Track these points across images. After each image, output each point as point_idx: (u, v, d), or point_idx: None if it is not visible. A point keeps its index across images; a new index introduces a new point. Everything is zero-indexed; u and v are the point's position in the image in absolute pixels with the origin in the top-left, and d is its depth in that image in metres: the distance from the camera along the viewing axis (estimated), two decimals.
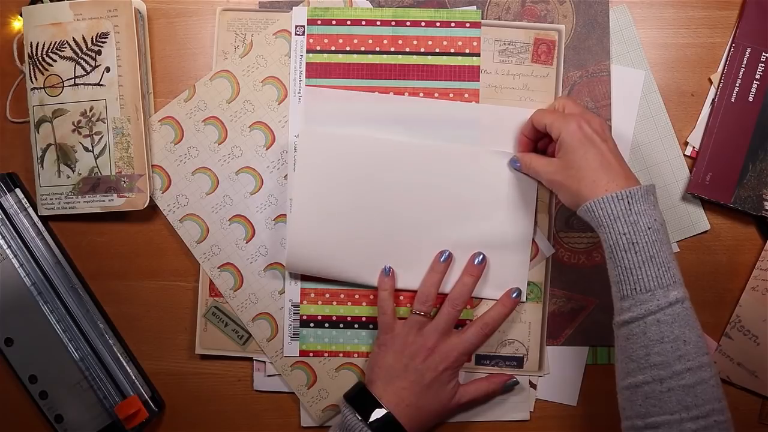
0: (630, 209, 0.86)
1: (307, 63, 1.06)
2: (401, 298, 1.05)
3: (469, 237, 1.04)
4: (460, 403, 1.02)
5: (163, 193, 1.07)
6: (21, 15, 1.08)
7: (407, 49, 1.06)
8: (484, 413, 1.07)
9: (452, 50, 1.06)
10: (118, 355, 1.07)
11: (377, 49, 1.06)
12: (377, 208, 1.04)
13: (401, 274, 1.05)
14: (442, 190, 1.05)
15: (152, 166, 1.07)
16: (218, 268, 1.07)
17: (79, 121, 1.06)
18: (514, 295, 1.03)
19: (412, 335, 1.00)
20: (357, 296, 1.06)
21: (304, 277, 1.07)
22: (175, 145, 1.07)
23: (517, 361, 1.06)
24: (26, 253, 1.07)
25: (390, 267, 1.04)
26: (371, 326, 1.06)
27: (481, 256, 1.03)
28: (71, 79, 1.06)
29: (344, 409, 0.97)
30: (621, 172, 0.89)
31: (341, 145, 1.04)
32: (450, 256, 1.03)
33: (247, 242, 1.07)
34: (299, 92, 1.06)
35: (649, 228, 0.85)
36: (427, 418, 0.99)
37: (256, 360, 1.08)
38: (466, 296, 1.02)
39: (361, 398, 0.98)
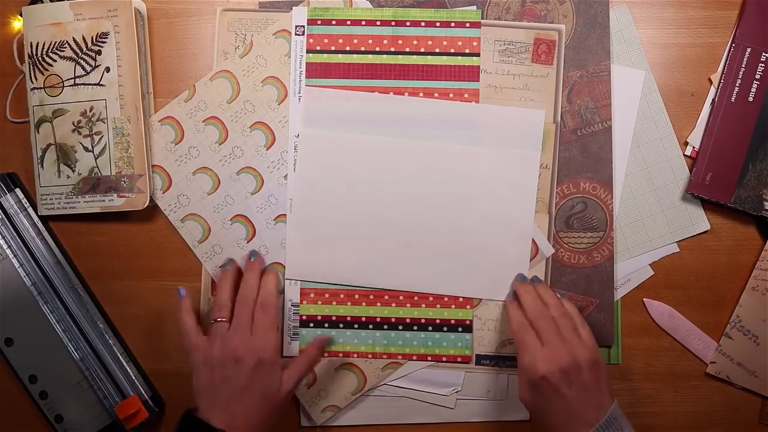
0: None
1: (307, 63, 1.06)
2: (401, 297, 1.06)
3: (467, 236, 1.05)
4: (290, 389, 0.98)
5: (163, 193, 1.07)
6: (21, 15, 1.08)
7: (407, 49, 1.06)
8: (484, 413, 1.07)
9: (452, 50, 1.06)
10: (118, 355, 1.07)
11: (377, 49, 1.06)
12: (376, 209, 1.04)
13: (402, 274, 1.05)
14: (440, 190, 1.05)
15: (153, 166, 1.07)
16: (220, 267, 1.07)
17: (79, 121, 1.06)
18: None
19: (216, 346, 0.97)
20: (357, 296, 1.06)
21: None
22: (175, 145, 1.07)
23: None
24: (26, 253, 1.07)
25: (182, 289, 1.03)
26: (371, 326, 1.06)
27: (252, 252, 1.06)
28: (71, 79, 1.06)
29: None
30: (585, 413, 0.91)
31: (341, 146, 1.05)
32: (233, 262, 1.05)
33: (248, 242, 1.07)
34: (299, 92, 1.06)
35: None
36: (262, 419, 0.96)
37: None
38: (255, 292, 1.00)
39: (192, 428, 0.94)
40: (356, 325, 1.07)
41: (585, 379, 0.91)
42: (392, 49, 1.06)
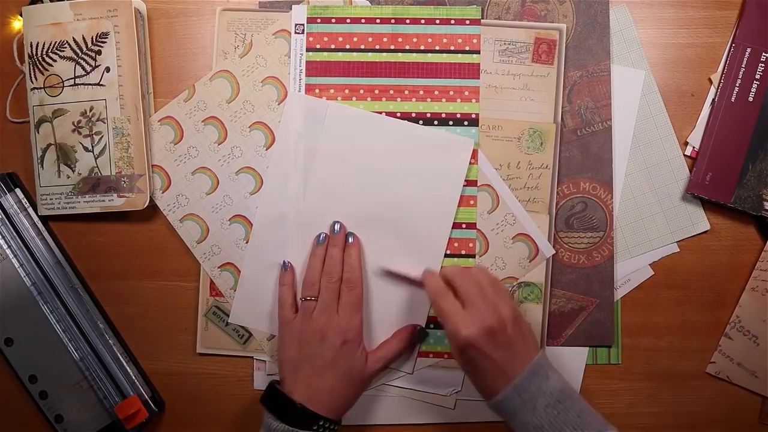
0: (522, 398, 0.89)
1: (307, 61, 1.06)
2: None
3: (394, 212, 1.06)
4: (375, 370, 1.01)
5: (163, 193, 1.07)
6: (21, 15, 1.08)
7: (407, 47, 1.06)
8: (484, 414, 1.07)
9: (452, 48, 1.06)
10: (118, 355, 1.07)
11: (377, 47, 1.06)
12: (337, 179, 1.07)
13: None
14: (390, 167, 1.06)
15: (152, 166, 1.07)
16: (218, 267, 1.07)
17: (79, 121, 1.06)
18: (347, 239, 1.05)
19: (305, 322, 0.99)
20: None
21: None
22: (175, 145, 1.07)
23: None
24: (26, 253, 1.07)
25: (289, 262, 1.05)
26: None
27: (336, 226, 1.05)
28: (71, 79, 1.06)
29: (264, 414, 0.95)
30: (512, 369, 0.91)
31: (325, 113, 1.06)
32: (326, 238, 1.05)
33: (246, 242, 1.07)
34: (299, 91, 1.06)
35: (546, 406, 0.89)
36: (344, 396, 0.98)
37: (256, 359, 1.08)
38: (339, 268, 1.01)
39: (274, 399, 0.96)
40: None
41: (510, 337, 0.92)
42: (392, 47, 1.06)
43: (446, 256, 1.05)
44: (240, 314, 1.07)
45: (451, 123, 1.05)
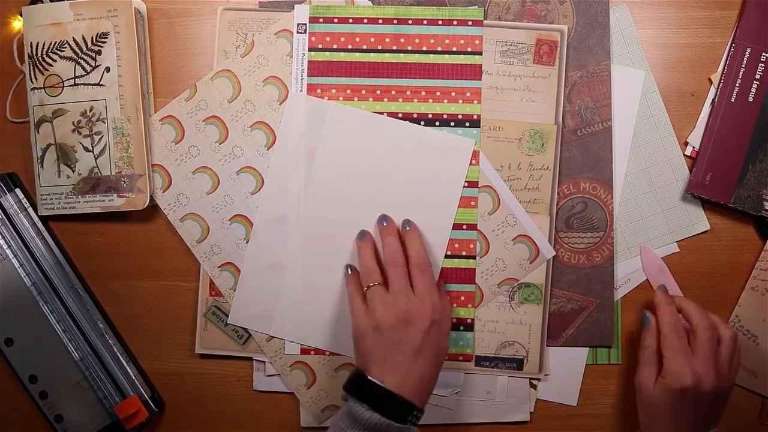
0: None
1: (309, 61, 1.06)
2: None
3: (394, 213, 1.04)
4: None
5: (163, 192, 1.07)
6: (21, 15, 1.07)
7: (409, 48, 1.06)
8: (484, 414, 1.07)
9: (454, 49, 1.06)
10: (118, 355, 1.07)
11: (379, 47, 1.06)
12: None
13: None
14: (391, 168, 1.06)
15: (153, 165, 1.07)
16: (218, 267, 1.07)
17: (79, 121, 1.06)
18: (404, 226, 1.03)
19: (383, 309, 0.94)
20: None
21: None
22: (176, 144, 1.07)
23: (517, 363, 1.06)
24: (26, 253, 1.07)
25: (350, 265, 1.04)
26: None
27: (384, 219, 1.03)
28: (71, 79, 1.06)
29: (349, 402, 0.91)
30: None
31: (326, 114, 1.06)
32: (366, 234, 1.03)
33: (247, 242, 1.07)
34: (301, 90, 1.06)
35: None
36: (431, 382, 0.94)
37: (256, 360, 1.08)
38: (401, 252, 0.99)
39: (361, 386, 0.91)
40: None
41: (710, 408, 0.93)
42: (394, 48, 1.06)
43: (446, 257, 1.05)
44: (239, 315, 1.07)
45: (452, 124, 1.05)
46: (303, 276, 1.05)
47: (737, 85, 1.04)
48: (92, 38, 1.05)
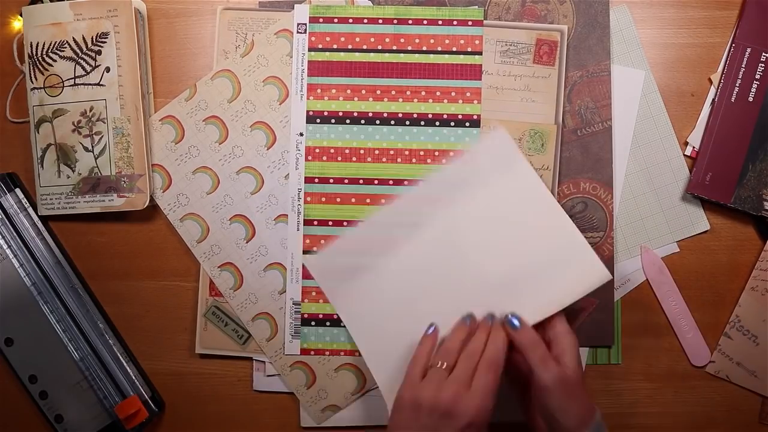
0: None
1: (309, 61, 1.06)
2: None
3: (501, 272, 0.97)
4: None
5: (163, 192, 1.07)
6: (21, 15, 1.08)
7: (409, 48, 1.06)
8: None
9: (454, 49, 1.06)
10: (118, 355, 1.07)
11: (379, 47, 1.06)
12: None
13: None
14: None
15: (153, 165, 1.07)
16: (218, 267, 1.07)
17: (79, 121, 1.06)
18: (512, 322, 0.93)
19: (431, 390, 0.89)
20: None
21: (305, 275, 1.07)
22: (175, 144, 1.07)
23: None
24: (26, 253, 1.07)
25: (433, 326, 0.96)
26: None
27: (515, 319, 0.93)
28: (71, 79, 1.06)
29: None
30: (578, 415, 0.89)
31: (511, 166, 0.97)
32: (473, 319, 0.95)
33: (247, 242, 1.07)
34: (301, 90, 1.06)
35: None
36: None
37: (256, 360, 1.08)
38: (481, 348, 0.92)
39: None
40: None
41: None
42: (394, 48, 1.06)
43: None
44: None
45: (452, 124, 1.06)
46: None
47: (737, 85, 1.04)
48: (92, 38, 1.05)
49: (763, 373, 1.05)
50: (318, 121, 1.07)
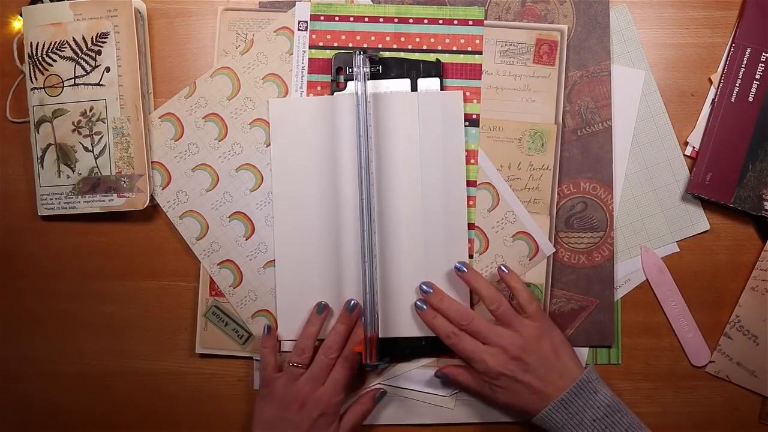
0: (568, 411, 0.92)
1: (309, 59, 1.06)
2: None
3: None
4: None
5: (163, 189, 1.07)
6: (21, 15, 1.08)
7: (410, 47, 1.06)
8: (484, 414, 1.06)
9: (454, 48, 1.06)
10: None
11: (380, 46, 1.06)
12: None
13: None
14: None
15: (152, 162, 1.07)
16: (218, 264, 1.07)
17: (79, 121, 1.06)
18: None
19: (287, 387, 0.99)
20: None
21: None
22: (175, 141, 1.07)
23: None
24: None
25: (269, 326, 1.04)
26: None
27: (352, 302, 1.02)
28: (71, 79, 1.06)
29: None
30: (548, 387, 0.95)
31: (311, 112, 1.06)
32: (326, 308, 1.04)
33: (246, 239, 1.07)
34: (301, 87, 1.06)
35: (594, 420, 0.92)
36: None
37: (256, 359, 1.08)
38: (341, 344, 1.01)
39: None
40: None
41: (539, 355, 0.95)
42: (395, 46, 1.06)
43: None
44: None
45: None
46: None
47: (737, 85, 1.04)
48: (92, 38, 1.05)
49: (763, 373, 1.04)
50: None
